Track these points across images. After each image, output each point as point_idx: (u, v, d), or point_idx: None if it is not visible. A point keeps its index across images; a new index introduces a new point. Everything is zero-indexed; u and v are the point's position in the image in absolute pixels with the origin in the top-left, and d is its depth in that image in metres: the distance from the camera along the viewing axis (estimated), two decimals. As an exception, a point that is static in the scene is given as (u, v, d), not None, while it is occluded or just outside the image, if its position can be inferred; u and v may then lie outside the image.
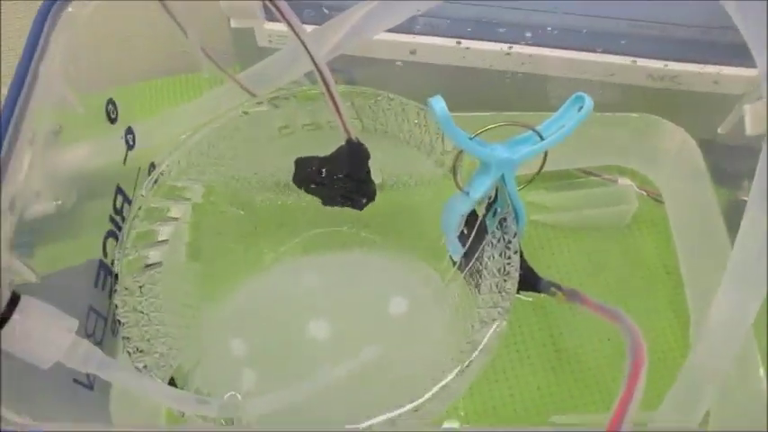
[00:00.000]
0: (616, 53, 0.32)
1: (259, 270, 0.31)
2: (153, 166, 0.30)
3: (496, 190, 0.26)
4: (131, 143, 0.28)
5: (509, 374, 0.31)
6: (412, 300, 0.29)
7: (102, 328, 0.25)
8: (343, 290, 0.30)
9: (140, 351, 0.24)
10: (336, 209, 0.29)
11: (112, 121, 0.27)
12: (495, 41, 0.32)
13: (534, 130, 0.25)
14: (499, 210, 0.26)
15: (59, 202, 0.26)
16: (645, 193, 0.35)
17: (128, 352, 0.24)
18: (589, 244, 0.34)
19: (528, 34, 0.32)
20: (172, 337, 0.25)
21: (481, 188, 0.26)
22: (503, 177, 0.25)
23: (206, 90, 0.31)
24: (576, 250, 0.34)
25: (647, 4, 0.32)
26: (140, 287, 0.26)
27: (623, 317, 0.20)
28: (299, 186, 0.29)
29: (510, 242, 0.25)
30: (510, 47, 0.32)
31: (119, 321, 0.24)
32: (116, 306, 0.25)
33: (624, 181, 0.35)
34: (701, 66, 0.31)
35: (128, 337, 0.24)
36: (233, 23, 0.32)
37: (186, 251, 0.29)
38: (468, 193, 0.26)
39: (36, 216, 0.23)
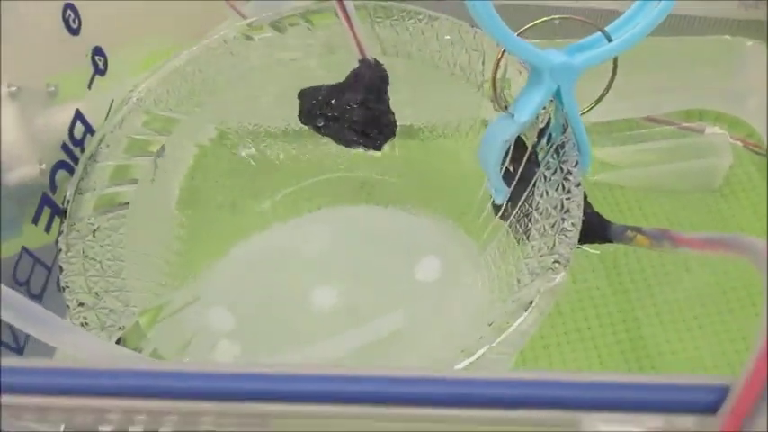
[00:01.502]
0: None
1: (254, 225, 0.26)
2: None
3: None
4: (101, 67, 0.24)
5: (570, 367, 0.26)
6: (442, 260, 0.24)
7: (42, 278, 0.20)
8: (356, 249, 0.25)
9: (81, 305, 0.19)
10: (351, 154, 0.25)
11: (72, 31, 0.22)
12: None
13: (601, 30, 0.20)
14: (554, 135, 0.21)
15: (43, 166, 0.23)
16: (741, 144, 0.30)
17: (66, 305, 0.19)
18: (668, 210, 0.29)
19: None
20: (131, 291, 0.20)
21: (530, 106, 0.20)
22: (558, 92, 0.20)
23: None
24: (652, 218, 0.29)
25: None
26: (94, 231, 0.21)
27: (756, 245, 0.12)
28: (305, 123, 0.24)
29: (570, 172, 0.20)
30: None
31: (60, 268, 0.19)
32: (59, 250, 0.19)
33: (713, 129, 0.30)
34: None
35: (68, 287, 0.19)
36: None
37: (178, 197, 0.25)
38: (513, 115, 0.20)
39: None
